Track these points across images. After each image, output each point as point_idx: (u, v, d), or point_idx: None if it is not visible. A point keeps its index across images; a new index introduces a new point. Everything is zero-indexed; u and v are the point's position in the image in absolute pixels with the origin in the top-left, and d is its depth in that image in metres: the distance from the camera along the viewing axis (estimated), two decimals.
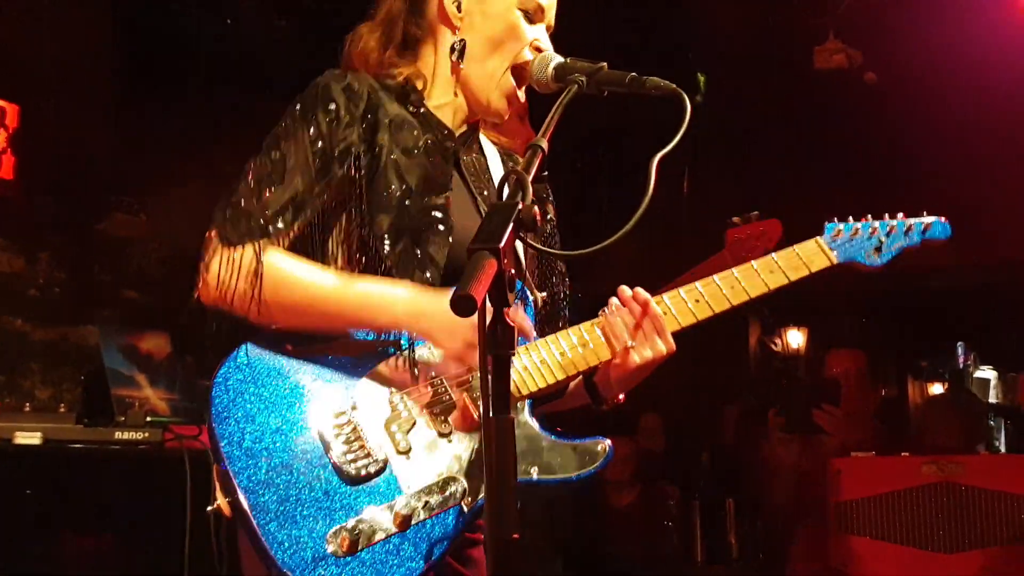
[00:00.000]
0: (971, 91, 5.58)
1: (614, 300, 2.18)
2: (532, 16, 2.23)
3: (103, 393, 4.08)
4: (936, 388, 8.96)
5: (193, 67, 5.15)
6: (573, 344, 2.17)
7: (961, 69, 5.51)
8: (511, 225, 1.54)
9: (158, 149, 4.96)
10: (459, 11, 2.23)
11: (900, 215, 2.36)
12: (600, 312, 2.20)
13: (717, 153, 6.30)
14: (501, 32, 2.22)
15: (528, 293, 2.24)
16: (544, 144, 1.81)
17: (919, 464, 4.16)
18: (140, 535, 3.72)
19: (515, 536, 1.48)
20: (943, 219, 2.38)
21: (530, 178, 1.70)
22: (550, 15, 2.27)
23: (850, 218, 2.33)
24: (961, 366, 9.22)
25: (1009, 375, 8.99)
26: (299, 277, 2.03)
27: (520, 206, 1.60)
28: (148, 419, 3.89)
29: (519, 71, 2.23)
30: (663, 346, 2.15)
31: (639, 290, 2.17)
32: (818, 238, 2.29)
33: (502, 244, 1.49)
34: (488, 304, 1.47)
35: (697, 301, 2.21)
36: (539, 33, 2.23)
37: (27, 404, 4.37)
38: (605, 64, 2.08)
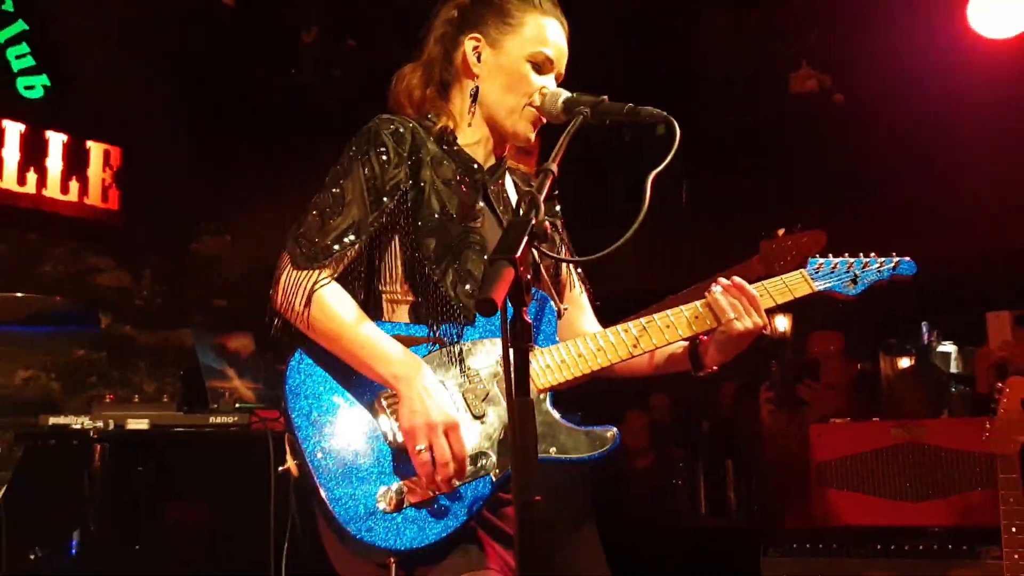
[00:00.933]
0: (923, 106, 5.55)
1: (716, 288, 2.23)
2: (541, 67, 2.23)
3: (199, 385, 4.12)
4: (904, 362, 8.84)
5: (263, 113, 5.19)
6: (588, 347, 2.19)
7: (914, 87, 5.48)
8: (526, 238, 1.57)
9: (237, 182, 5.00)
10: (479, 61, 2.23)
11: (873, 254, 2.39)
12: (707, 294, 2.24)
13: (712, 166, 6.29)
14: (513, 81, 2.21)
15: (551, 301, 2.26)
16: (554, 168, 1.83)
17: (888, 428, 4.14)
18: (231, 503, 3.75)
19: (537, 498, 1.51)
20: (908, 259, 2.41)
21: (542, 197, 1.72)
22: (560, 65, 2.26)
23: (830, 255, 2.36)
24: (925, 342, 9.12)
25: (967, 348, 8.90)
26: (336, 315, 2.04)
27: (533, 221, 1.63)
28: (237, 406, 3.92)
29: (534, 104, 2.22)
30: (759, 319, 2.21)
31: (735, 278, 2.24)
32: (802, 270, 2.33)
33: (518, 254, 1.52)
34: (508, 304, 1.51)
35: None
36: (547, 82, 2.22)
37: (136, 396, 4.45)
38: (606, 97, 2.09)
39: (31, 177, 4.45)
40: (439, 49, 2.29)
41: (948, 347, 9.19)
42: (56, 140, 4.54)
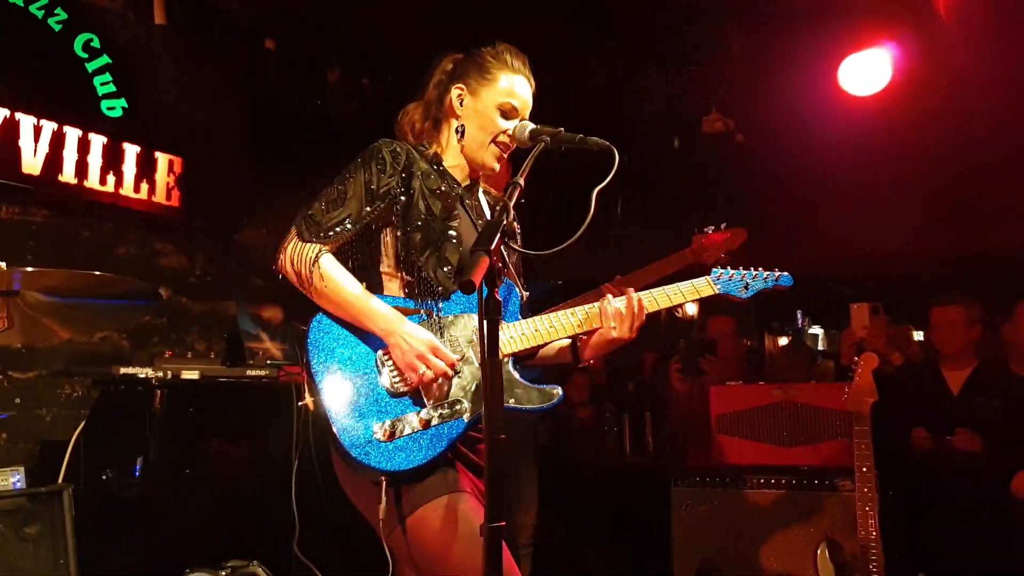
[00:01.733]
0: (804, 144, 5.59)
1: (610, 296, 2.21)
2: (508, 115, 2.23)
3: (239, 345, 4.09)
4: (783, 340, 8.93)
5: (295, 134, 5.15)
6: (543, 324, 2.18)
7: (797, 130, 5.52)
8: (499, 235, 1.57)
9: (273, 187, 4.95)
10: (461, 105, 2.24)
11: (760, 268, 2.41)
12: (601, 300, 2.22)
13: (641, 187, 6.31)
14: (484, 123, 2.22)
15: (517, 290, 2.26)
16: (521, 181, 1.84)
17: (771, 390, 4.17)
18: (262, 438, 3.73)
19: (502, 436, 1.50)
20: (787, 273, 2.46)
21: (512, 204, 1.72)
22: (524, 113, 2.26)
23: (728, 267, 2.38)
24: (800, 326, 9.22)
25: (831, 331, 9.00)
26: (336, 278, 2.05)
27: (504, 222, 1.63)
28: (268, 362, 3.90)
29: (499, 144, 2.24)
30: (629, 333, 2.19)
31: (634, 294, 2.22)
32: (708, 277, 2.35)
33: (492, 247, 1.51)
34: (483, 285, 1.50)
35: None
36: (511, 126, 2.23)
37: (189, 353, 4.39)
38: (562, 128, 2.10)
39: (111, 179, 4.37)
40: (436, 93, 2.30)
41: (817, 330, 9.30)
42: (131, 151, 4.47)
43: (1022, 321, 4.25)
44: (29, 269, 2.25)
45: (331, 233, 2.07)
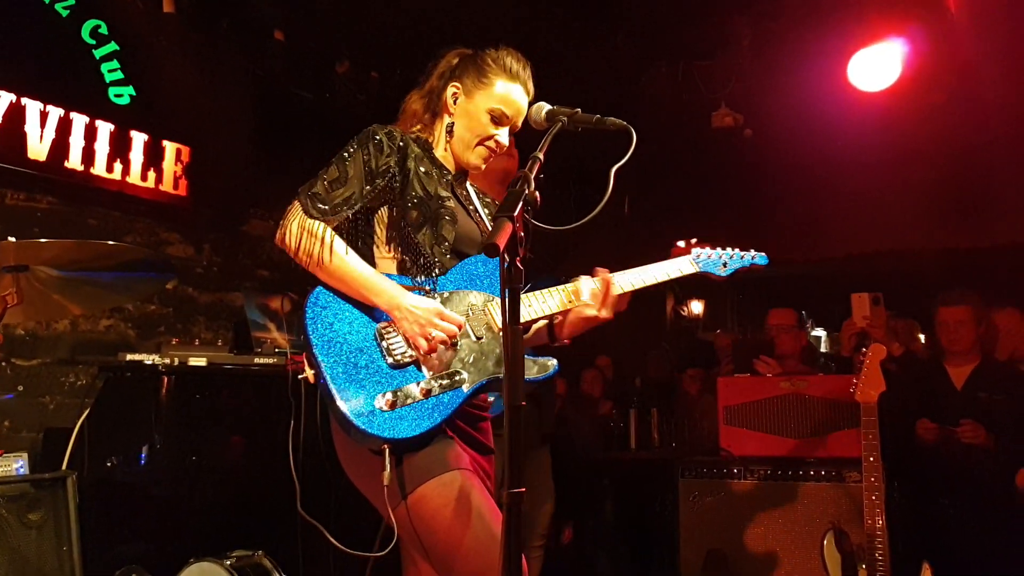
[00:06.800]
0: (813, 140, 5.59)
1: (584, 277, 2.23)
2: (499, 120, 2.25)
3: (246, 334, 4.09)
4: None
5: (303, 126, 5.13)
6: (560, 297, 2.21)
7: (807, 126, 5.52)
8: (521, 202, 1.56)
9: (281, 178, 4.92)
10: (455, 103, 2.27)
11: (738, 248, 2.48)
12: (573, 280, 2.24)
13: (650, 186, 6.30)
14: (473, 125, 2.25)
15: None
16: (541, 156, 1.84)
17: (778, 382, 4.17)
18: (267, 425, 3.71)
19: (523, 403, 1.49)
20: (763, 254, 2.52)
21: (532, 175, 1.72)
22: (516, 121, 2.28)
23: (708, 246, 2.43)
24: (805, 327, 9.20)
25: (834, 333, 8.98)
26: (343, 255, 2.07)
27: (527, 191, 1.62)
28: (276, 350, 3.89)
29: (485, 147, 2.27)
30: (607, 313, 2.21)
31: (607, 274, 2.24)
32: (689, 256, 2.40)
33: (516, 212, 1.51)
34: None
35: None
36: (500, 132, 2.26)
37: (196, 340, 4.38)
38: (579, 109, 2.11)
39: (117, 167, 4.36)
40: (438, 84, 2.31)
41: (820, 332, 9.28)
42: (139, 139, 4.46)
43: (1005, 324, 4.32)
44: (41, 240, 2.23)
45: (338, 210, 2.09)
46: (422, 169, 2.18)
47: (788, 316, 4.84)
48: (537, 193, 1.63)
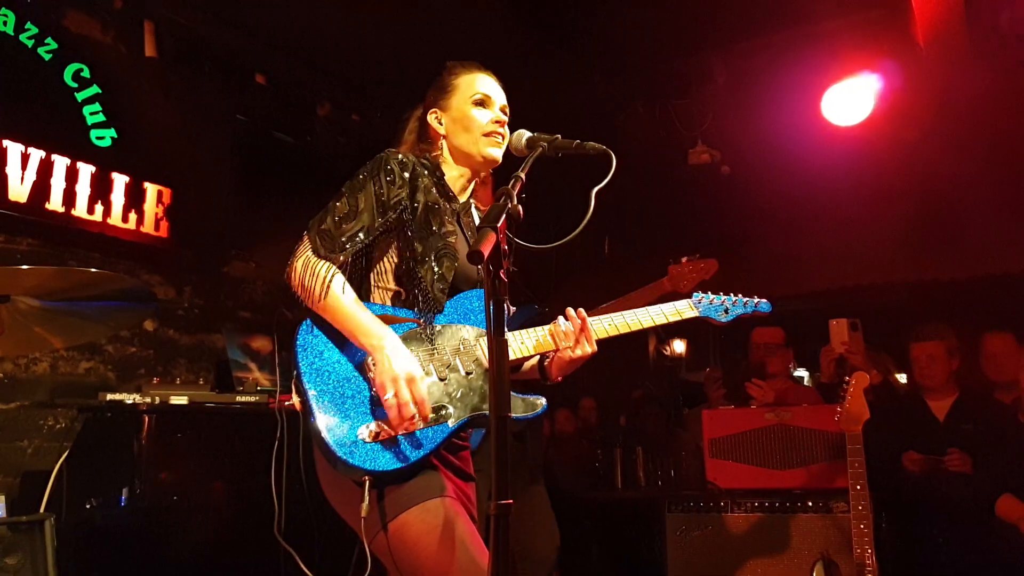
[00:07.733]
0: (788, 176, 5.67)
1: (560, 318, 2.24)
2: (483, 103, 2.30)
3: (228, 374, 4.06)
4: None
5: (285, 168, 5.17)
6: (536, 339, 2.22)
7: (782, 161, 5.62)
8: (504, 215, 1.59)
9: (262, 220, 4.95)
10: (441, 125, 2.32)
11: (741, 294, 2.47)
12: (552, 323, 2.25)
13: (627, 221, 6.36)
14: (466, 124, 2.29)
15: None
16: (523, 175, 1.87)
17: (763, 413, 4.18)
18: (250, 464, 3.66)
19: (509, 414, 1.50)
20: (766, 300, 2.51)
21: (515, 192, 1.75)
22: (500, 99, 2.33)
23: (709, 292, 2.44)
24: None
25: (815, 374, 9.02)
26: (339, 296, 2.05)
27: (509, 206, 1.65)
28: (258, 388, 3.86)
29: (489, 133, 2.30)
30: (589, 349, 2.21)
31: (580, 311, 2.25)
32: (689, 300, 2.40)
33: (499, 224, 1.53)
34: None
35: (610, 325, 2.28)
36: (494, 113, 2.30)
37: (178, 379, 4.35)
38: (559, 135, 2.14)
39: (99, 208, 4.35)
40: (414, 136, 2.38)
41: (802, 372, 9.31)
42: (120, 180, 4.46)
43: (992, 353, 4.36)
44: (23, 267, 2.23)
45: (346, 247, 2.08)
46: (430, 200, 2.19)
47: (775, 335, 4.86)
48: (520, 208, 1.65)
